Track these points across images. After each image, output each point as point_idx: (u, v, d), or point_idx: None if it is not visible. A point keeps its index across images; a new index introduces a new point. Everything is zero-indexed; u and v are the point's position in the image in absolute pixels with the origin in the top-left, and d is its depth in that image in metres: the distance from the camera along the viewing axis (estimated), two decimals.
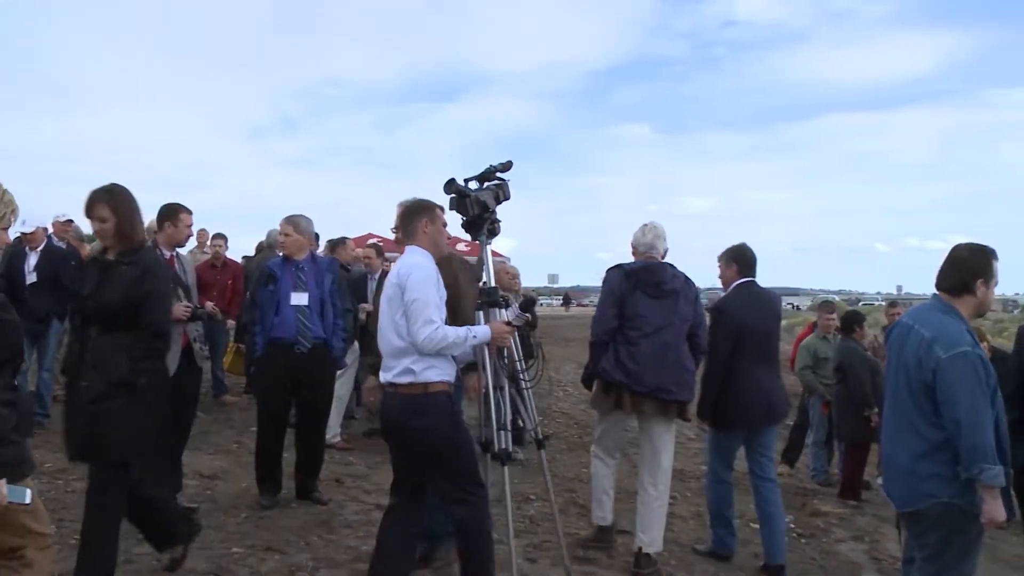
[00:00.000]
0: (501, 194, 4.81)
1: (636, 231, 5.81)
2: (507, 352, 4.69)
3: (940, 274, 3.99)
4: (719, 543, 6.02)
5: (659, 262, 5.70)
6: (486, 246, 4.80)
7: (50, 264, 8.23)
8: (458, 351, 4.33)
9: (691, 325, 5.65)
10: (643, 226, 5.79)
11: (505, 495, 4.58)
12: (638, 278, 5.58)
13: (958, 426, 3.63)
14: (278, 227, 6.64)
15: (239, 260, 11.05)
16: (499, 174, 4.86)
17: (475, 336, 4.32)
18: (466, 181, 4.76)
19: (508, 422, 4.64)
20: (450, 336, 4.16)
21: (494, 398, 4.57)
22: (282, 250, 6.53)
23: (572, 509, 6.95)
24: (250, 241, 14.14)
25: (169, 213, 5.98)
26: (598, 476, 5.88)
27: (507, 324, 4.51)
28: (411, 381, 4.19)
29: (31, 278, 8.18)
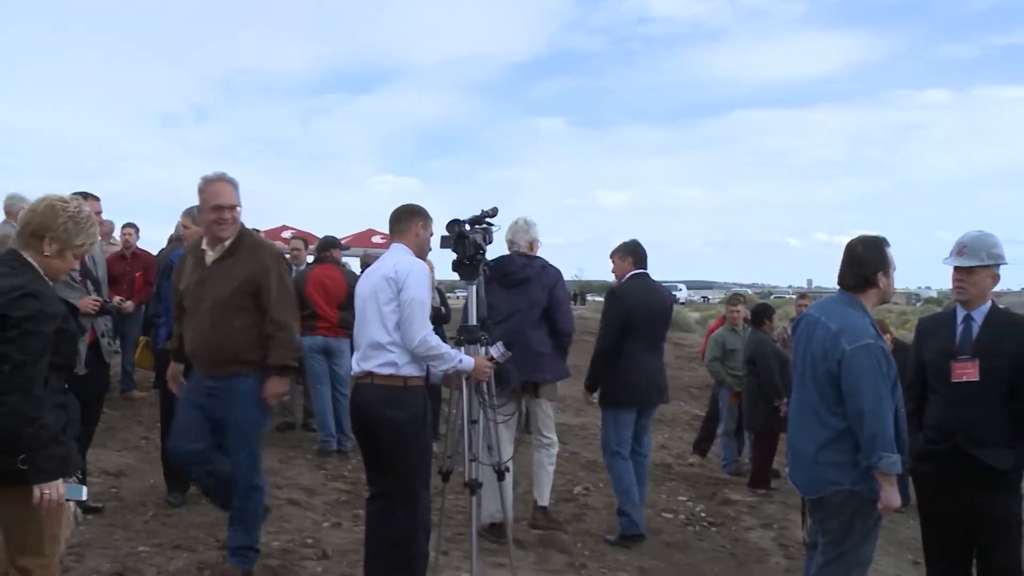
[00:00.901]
0: (487, 237, 5.04)
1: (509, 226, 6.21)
2: (485, 386, 4.83)
3: (841, 273, 4.09)
4: (627, 525, 6.21)
5: (510, 254, 6.15)
6: (476, 289, 5.01)
7: None
8: (442, 366, 4.45)
9: (547, 309, 6.00)
10: (513, 221, 6.22)
11: (472, 521, 4.72)
12: (494, 271, 5.81)
13: (860, 416, 3.73)
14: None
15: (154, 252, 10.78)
16: (488, 219, 5.06)
17: (461, 361, 4.48)
18: (462, 223, 4.94)
19: (479, 453, 4.77)
20: (442, 348, 4.37)
21: (467, 431, 4.70)
22: (186, 242, 6.39)
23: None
24: (163, 232, 13.81)
25: None
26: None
27: (490, 359, 4.72)
28: (392, 373, 4.31)
29: None
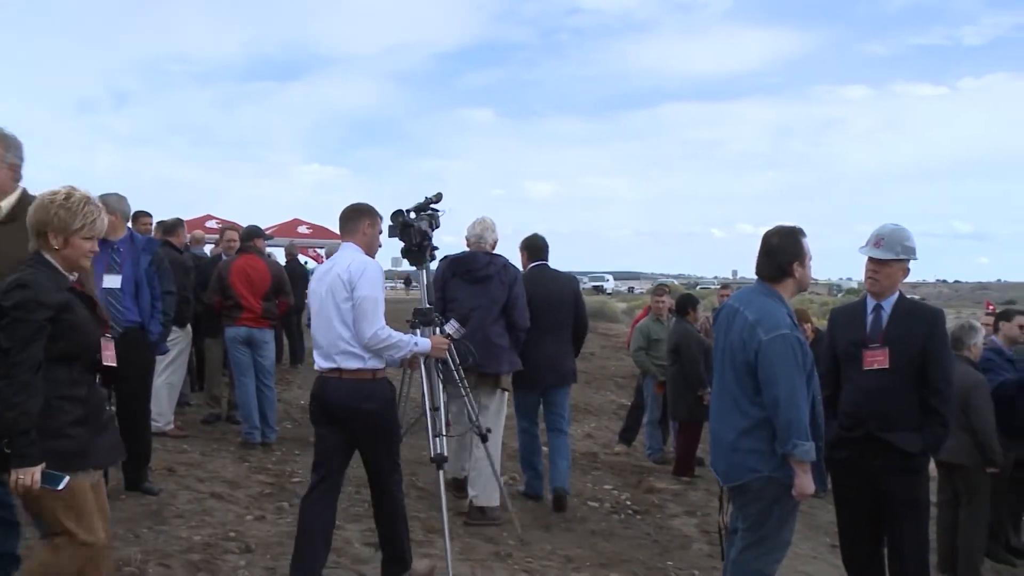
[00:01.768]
0: (434, 223, 5.28)
1: (469, 224, 6.56)
2: (451, 363, 5.25)
3: (758, 264, 4.16)
4: (529, 486, 7.05)
5: (474, 251, 6.48)
6: (426, 272, 5.31)
7: None
8: (399, 354, 4.68)
9: (505, 305, 6.35)
10: (474, 220, 6.54)
11: (440, 494, 5.05)
12: (456, 266, 6.37)
13: (775, 404, 3.81)
14: None
15: None
16: (432, 205, 5.30)
17: (416, 344, 4.73)
18: (407, 212, 5.20)
19: (443, 429, 5.08)
20: (394, 338, 4.53)
21: (429, 410, 4.99)
22: None
23: (412, 492, 6.93)
24: None
25: None
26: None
27: (447, 337, 5.03)
28: (359, 367, 4.50)
29: None
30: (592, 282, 65.58)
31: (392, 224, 5.17)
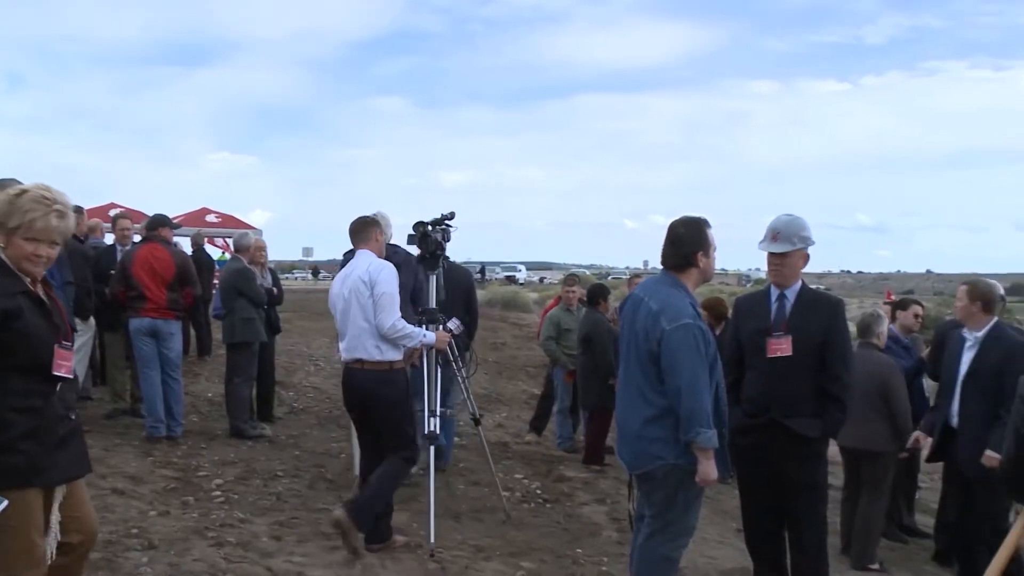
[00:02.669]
0: (446, 236, 6.18)
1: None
2: (448, 353, 6.08)
3: (664, 253, 4.23)
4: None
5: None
6: (436, 278, 6.10)
7: None
8: (411, 343, 5.45)
9: (413, 291, 6.50)
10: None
11: (429, 469, 5.69)
12: None
13: (678, 393, 3.87)
14: None
15: None
16: (447, 221, 6.18)
17: (425, 336, 5.51)
18: (426, 224, 6.08)
19: (437, 409, 5.82)
20: (408, 329, 5.30)
21: (427, 392, 5.80)
22: None
23: (321, 484, 6.88)
24: None
25: None
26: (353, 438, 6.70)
27: (448, 332, 5.89)
28: (379, 359, 5.24)
29: None
30: (505, 272, 65.78)
31: (412, 233, 6.09)
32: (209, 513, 5.88)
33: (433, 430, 5.73)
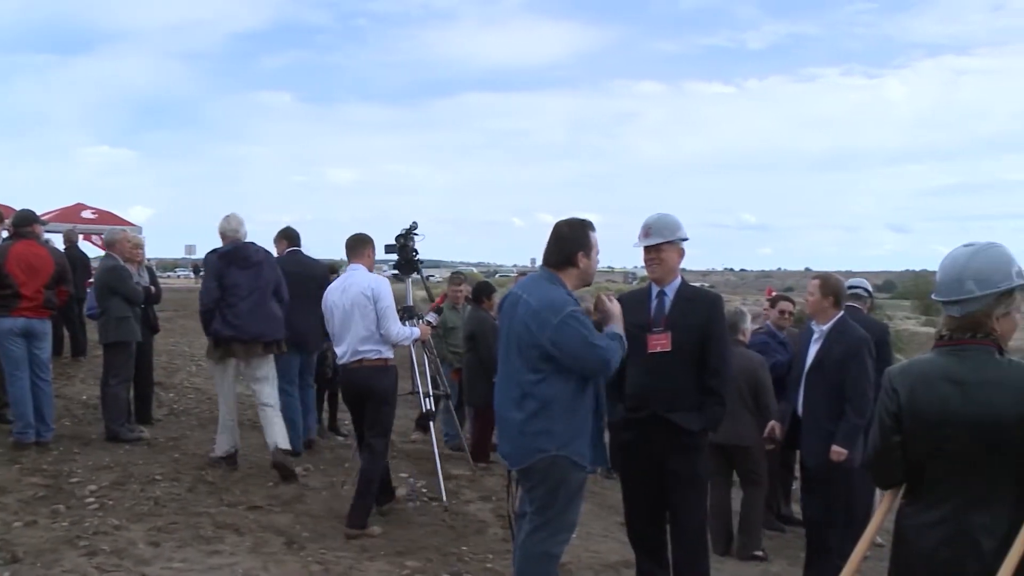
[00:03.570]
0: (415, 243, 7.60)
1: (222, 221, 7.48)
2: (428, 344, 7.76)
3: (546, 251, 4.28)
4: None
5: (244, 242, 7.45)
6: (411, 282, 7.64)
7: None
8: (407, 342, 6.57)
9: (275, 285, 7.46)
10: (226, 217, 7.51)
11: (433, 446, 7.28)
12: (230, 257, 7.31)
13: (605, 365, 4.06)
14: None
15: None
16: (415, 232, 7.59)
17: (414, 332, 6.63)
18: (404, 236, 7.50)
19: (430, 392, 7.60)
20: (405, 332, 6.35)
21: (417, 378, 7.61)
22: None
23: (201, 487, 6.71)
24: None
25: None
26: (222, 411, 7.49)
27: (428, 325, 7.25)
28: (378, 357, 6.12)
29: None
30: (392, 270, 65.19)
31: (392, 244, 7.46)
32: (82, 521, 5.66)
33: (429, 409, 7.74)
